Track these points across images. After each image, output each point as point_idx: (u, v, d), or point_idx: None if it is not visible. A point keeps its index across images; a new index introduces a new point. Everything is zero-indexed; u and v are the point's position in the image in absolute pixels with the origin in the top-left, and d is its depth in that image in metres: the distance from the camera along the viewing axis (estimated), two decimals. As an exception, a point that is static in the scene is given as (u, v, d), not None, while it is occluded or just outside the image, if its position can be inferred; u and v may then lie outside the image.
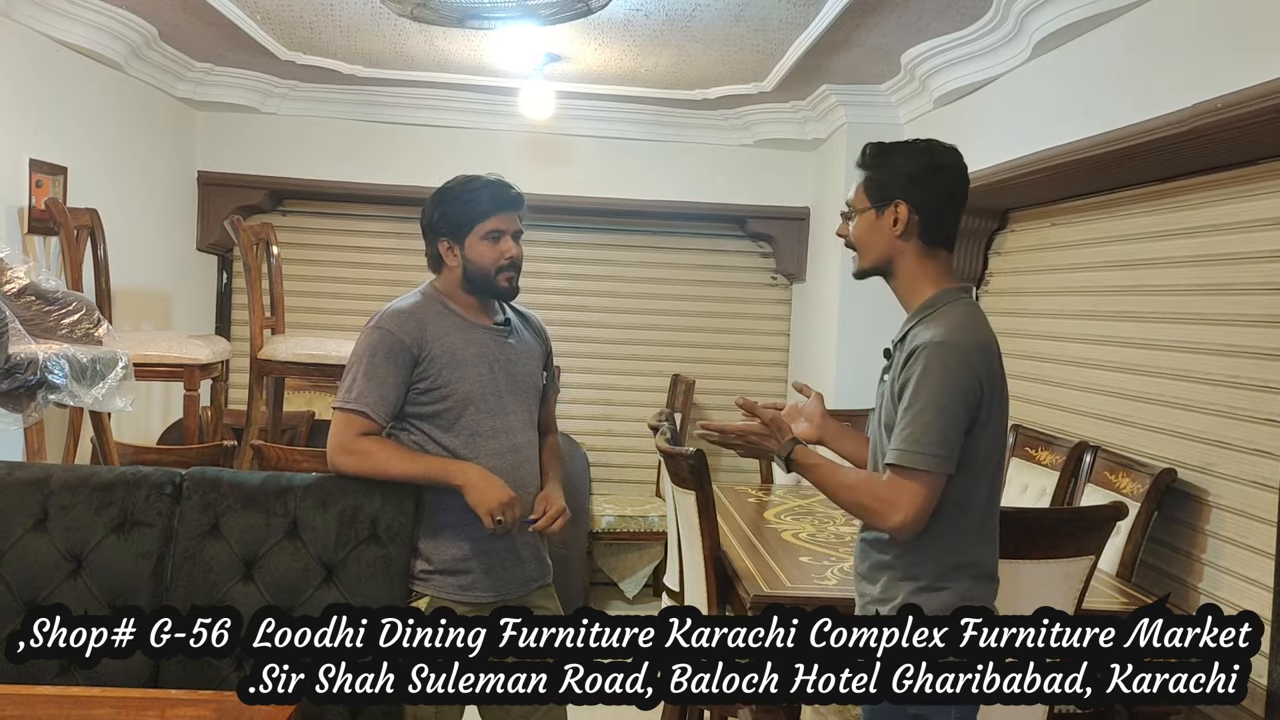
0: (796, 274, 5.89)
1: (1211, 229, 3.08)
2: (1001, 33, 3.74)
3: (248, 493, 2.34)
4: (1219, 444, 2.98)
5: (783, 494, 4.30)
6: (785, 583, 2.85)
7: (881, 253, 2.01)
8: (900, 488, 1.84)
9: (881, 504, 1.86)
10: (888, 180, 1.99)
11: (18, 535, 2.26)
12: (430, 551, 2.34)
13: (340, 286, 5.98)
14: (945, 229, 2.00)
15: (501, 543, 2.35)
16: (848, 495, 1.95)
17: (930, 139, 2.04)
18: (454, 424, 2.35)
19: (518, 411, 2.43)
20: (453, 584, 2.33)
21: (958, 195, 2.00)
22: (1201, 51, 2.75)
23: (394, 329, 2.33)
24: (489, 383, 2.38)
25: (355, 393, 2.30)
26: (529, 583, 2.44)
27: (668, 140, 5.77)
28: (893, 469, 1.85)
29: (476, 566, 2.34)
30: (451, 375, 2.33)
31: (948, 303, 1.95)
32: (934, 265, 1.99)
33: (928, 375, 1.84)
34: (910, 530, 1.84)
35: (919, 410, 1.83)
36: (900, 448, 1.84)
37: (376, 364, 2.30)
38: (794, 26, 4.02)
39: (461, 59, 4.81)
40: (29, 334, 2.82)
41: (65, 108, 4.24)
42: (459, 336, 2.37)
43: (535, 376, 2.51)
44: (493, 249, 2.38)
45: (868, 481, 1.93)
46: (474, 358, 2.37)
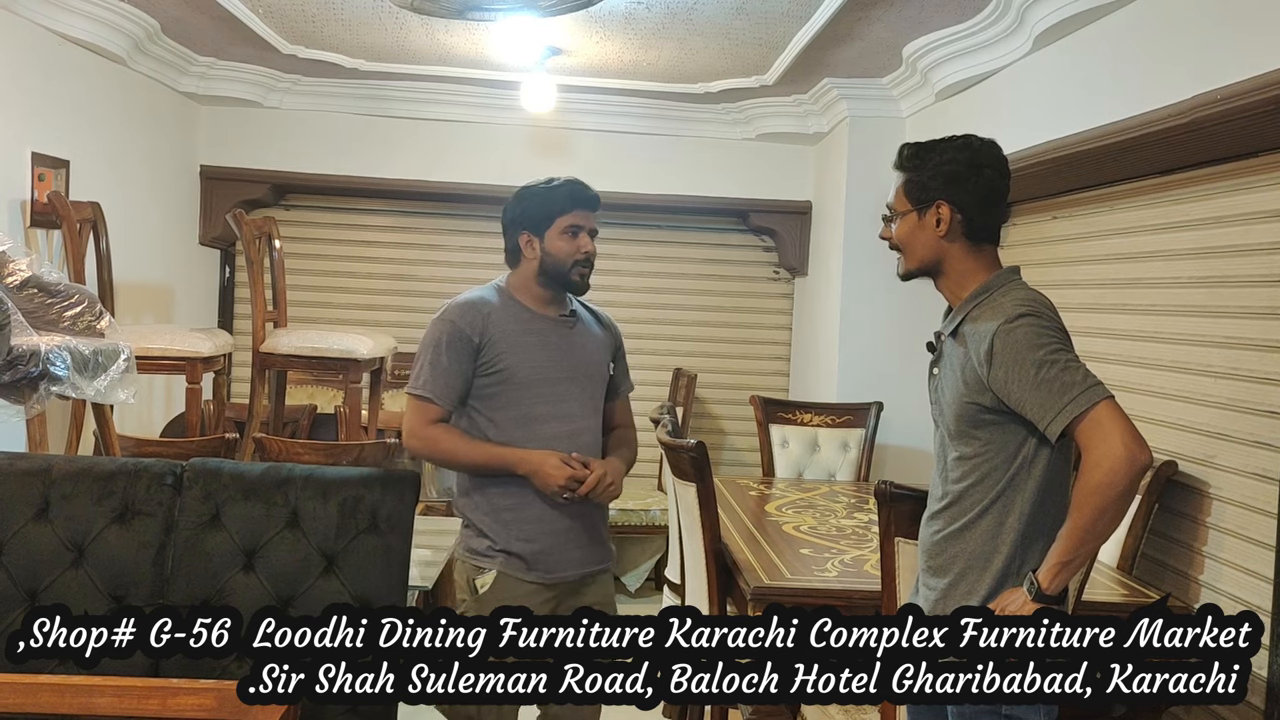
0: (798, 268, 5.89)
1: (1212, 221, 3.07)
2: (1003, 25, 3.73)
3: (248, 483, 2.35)
4: (1220, 436, 2.97)
5: (784, 487, 4.30)
6: (786, 575, 2.86)
7: (927, 254, 2.00)
8: (1094, 434, 1.73)
9: (1104, 468, 1.72)
10: (928, 181, 1.98)
11: (19, 525, 2.27)
12: (495, 532, 2.45)
13: (342, 280, 5.99)
14: (990, 225, 1.99)
15: (562, 524, 2.45)
16: (1090, 513, 1.76)
17: (969, 134, 2.02)
18: (513, 407, 2.45)
19: (578, 398, 2.52)
20: (517, 564, 2.44)
21: (1000, 190, 1.99)
22: (1201, 43, 2.74)
23: (456, 319, 2.45)
24: (549, 369, 2.48)
25: (422, 380, 2.44)
26: (587, 564, 2.52)
27: (669, 134, 5.77)
28: (1076, 431, 1.76)
29: (538, 549, 2.44)
30: (511, 360, 2.44)
31: (1002, 285, 1.94)
32: (982, 260, 1.99)
33: (1028, 347, 1.79)
34: (1142, 447, 1.72)
35: (1043, 373, 1.77)
36: (1060, 407, 1.76)
37: (440, 354, 2.43)
38: (795, 20, 4.01)
39: (463, 52, 4.80)
40: (31, 326, 2.82)
41: (68, 101, 4.24)
42: (521, 325, 2.49)
43: (600, 365, 2.59)
44: (570, 243, 2.49)
45: (1077, 484, 1.80)
46: (534, 345, 2.48)
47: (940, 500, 2.00)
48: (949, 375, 1.97)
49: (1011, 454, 1.88)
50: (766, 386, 5.93)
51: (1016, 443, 1.88)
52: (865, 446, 4.68)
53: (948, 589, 1.93)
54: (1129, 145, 3.06)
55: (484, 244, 6.02)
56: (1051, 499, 1.88)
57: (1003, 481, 1.89)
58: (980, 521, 1.91)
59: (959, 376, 1.93)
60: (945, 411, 1.98)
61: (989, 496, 1.90)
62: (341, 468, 2.64)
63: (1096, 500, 1.74)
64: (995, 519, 1.89)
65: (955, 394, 1.93)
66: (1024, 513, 1.88)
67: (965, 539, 1.92)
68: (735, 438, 6.13)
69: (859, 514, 3.70)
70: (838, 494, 4.12)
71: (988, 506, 1.90)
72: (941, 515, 1.98)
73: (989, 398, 1.87)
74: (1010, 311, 1.84)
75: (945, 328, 2.02)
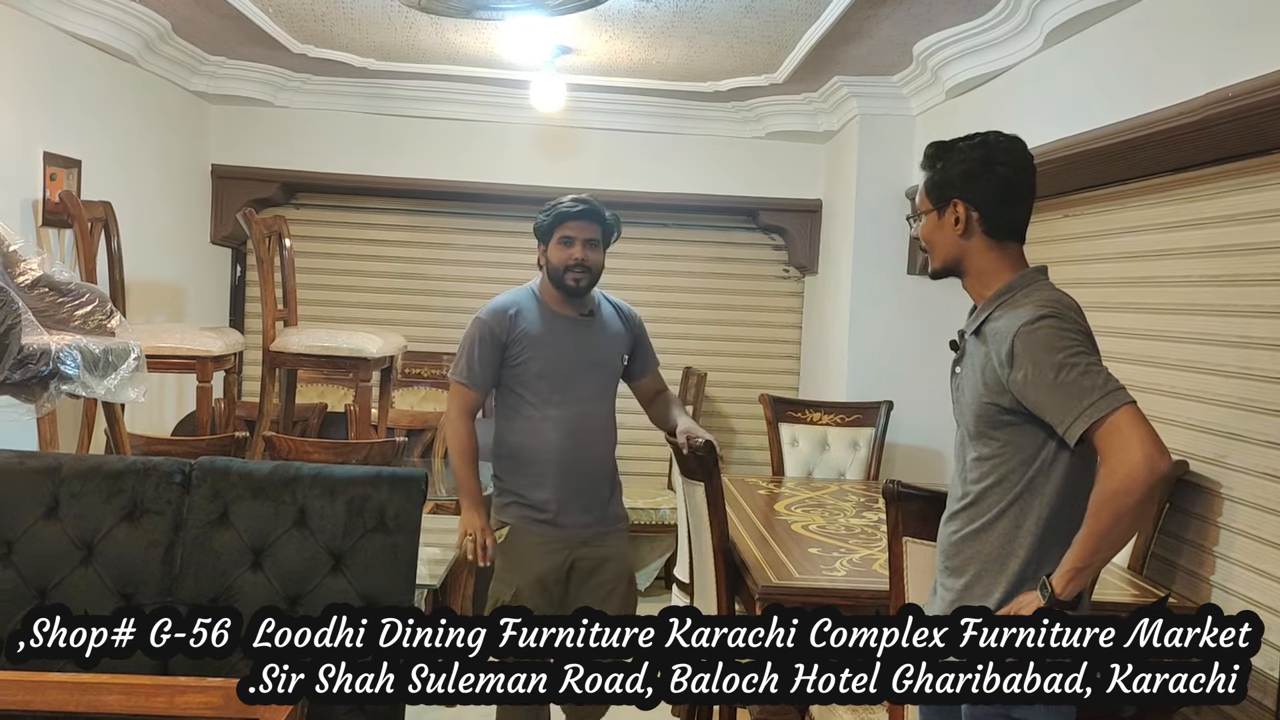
0: (808, 266, 5.88)
1: (1224, 220, 3.05)
2: (1013, 23, 3.72)
3: (256, 482, 2.36)
4: (1232, 436, 2.95)
5: (793, 485, 4.30)
6: (794, 574, 2.85)
7: (949, 253, 2.01)
8: (1113, 440, 1.70)
9: (1120, 475, 1.69)
10: (944, 180, 1.98)
11: (29, 523, 2.29)
12: (513, 493, 2.95)
13: (353, 279, 6.00)
14: (1009, 222, 1.97)
15: (569, 490, 2.93)
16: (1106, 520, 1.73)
17: (990, 132, 2.01)
18: (533, 390, 2.94)
19: (589, 386, 3.00)
20: (530, 516, 2.93)
21: (1018, 186, 1.97)
22: (1213, 40, 2.72)
23: (488, 320, 2.97)
24: (564, 361, 2.95)
25: (461, 368, 2.97)
26: (594, 525, 2.99)
27: (679, 133, 5.76)
28: (1095, 436, 1.73)
29: (551, 509, 2.92)
30: (532, 354, 2.94)
31: (1026, 285, 1.93)
32: (1004, 258, 1.97)
33: (1048, 349, 1.77)
34: (1162, 454, 1.68)
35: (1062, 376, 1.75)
36: (1079, 412, 1.73)
37: (474, 349, 2.95)
38: (805, 17, 4.00)
39: (473, 51, 4.81)
40: (42, 325, 2.84)
41: (79, 101, 4.26)
42: (543, 324, 2.97)
43: (612, 359, 3.07)
44: (564, 252, 2.92)
45: (1094, 490, 1.76)
46: (552, 341, 2.95)
47: (959, 500, 1.98)
48: (970, 375, 1.95)
49: (1030, 456, 1.87)
50: (776, 385, 5.91)
51: (1036, 445, 1.86)
52: (875, 445, 4.67)
53: (963, 590, 1.92)
54: (1140, 143, 3.04)
55: (494, 242, 6.03)
56: (1072, 504, 1.84)
57: (1021, 484, 1.87)
58: (997, 523, 1.89)
59: (979, 377, 1.91)
60: (965, 411, 1.97)
61: (1006, 498, 1.89)
62: (349, 466, 2.65)
63: (1112, 508, 1.71)
64: (1012, 521, 1.88)
65: (975, 394, 1.92)
66: (1042, 516, 1.86)
67: (982, 540, 1.90)
68: (745, 436, 6.12)
69: (868, 513, 3.69)
70: (847, 493, 4.11)
71: (1005, 508, 1.89)
72: (959, 516, 1.97)
73: (1008, 399, 1.85)
74: (1032, 312, 1.83)
75: (968, 326, 2.00)
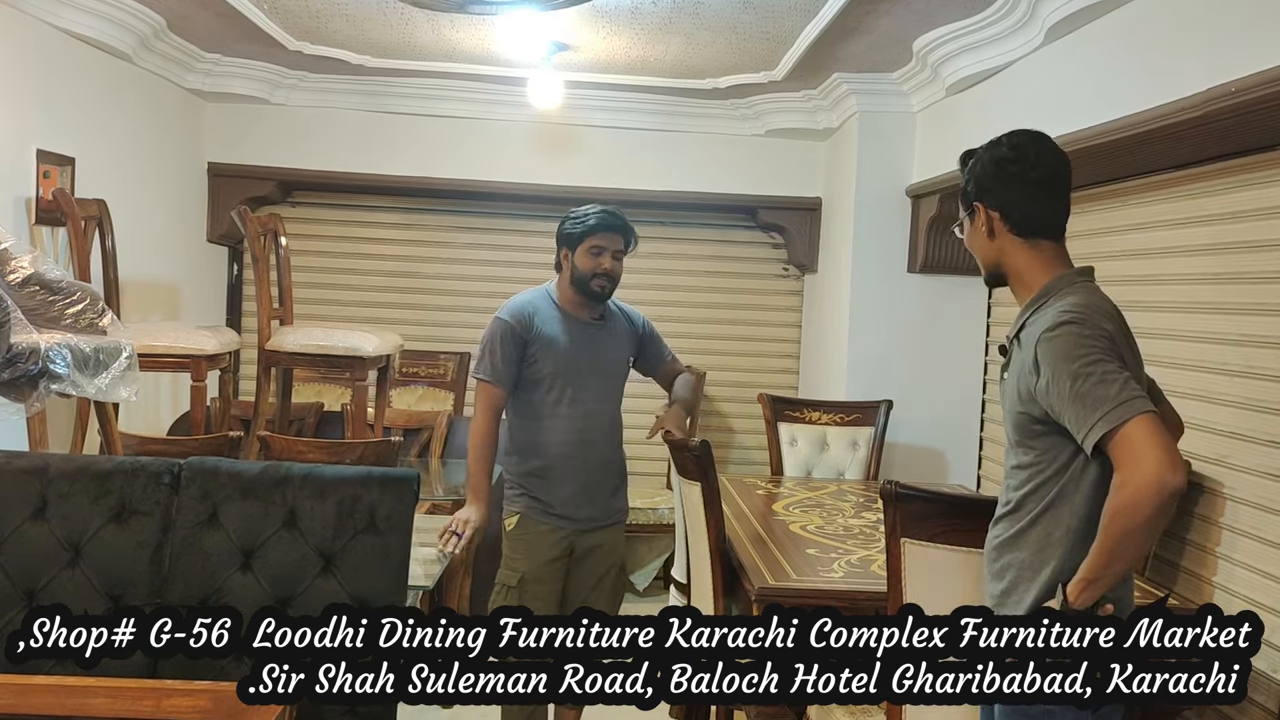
0: (808, 265, 5.85)
1: (1228, 216, 3.03)
2: (1014, 19, 3.69)
3: (246, 482, 2.33)
4: (1235, 436, 2.93)
5: (792, 485, 4.27)
6: (791, 575, 2.83)
7: (986, 256, 2.02)
8: (1125, 453, 1.66)
9: (1129, 490, 1.65)
10: (968, 186, 2.00)
11: (16, 524, 2.27)
12: (521, 484, 3.08)
13: (349, 277, 5.98)
14: (1037, 219, 1.96)
15: (575, 486, 3.07)
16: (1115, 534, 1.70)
17: (1013, 131, 2.01)
18: (544, 389, 3.05)
19: (597, 387, 3.12)
20: (538, 508, 3.06)
21: (1040, 182, 1.95)
22: (1215, 36, 2.69)
23: (508, 318, 3.06)
24: (574, 363, 3.07)
25: (485, 366, 3.05)
26: (597, 518, 3.11)
27: (677, 130, 5.74)
28: (1109, 447, 1.70)
29: (558, 503, 3.05)
30: (546, 354, 3.04)
31: (1061, 288, 1.91)
32: (1039, 257, 1.96)
33: (1065, 358, 1.75)
34: (1175, 470, 1.63)
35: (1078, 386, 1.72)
36: (1092, 422, 1.70)
37: (496, 346, 3.04)
38: (803, 13, 3.97)
39: (470, 48, 4.78)
40: (32, 324, 2.81)
41: (73, 98, 4.23)
42: (557, 326, 3.08)
43: (619, 362, 3.22)
44: (593, 260, 3.04)
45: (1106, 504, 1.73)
46: (565, 343, 3.06)
47: (1003, 507, 1.98)
48: (1010, 382, 1.94)
49: (1062, 466, 1.85)
50: (775, 384, 5.89)
51: (1068, 454, 1.83)
52: (874, 445, 4.65)
53: (1002, 596, 1.91)
54: (1142, 139, 3.01)
55: (492, 240, 6.01)
56: None
57: (1053, 492, 1.86)
58: (1031, 531, 1.88)
59: (1015, 384, 1.90)
60: (1006, 419, 1.96)
61: (1039, 507, 1.87)
62: (340, 467, 2.62)
63: (1120, 522, 1.68)
64: (1045, 530, 1.86)
65: (1011, 402, 1.91)
66: (1071, 527, 1.83)
67: (1018, 547, 1.89)
68: (744, 436, 6.09)
69: (867, 513, 3.66)
70: (846, 493, 4.08)
71: (1038, 517, 1.87)
72: (1001, 521, 1.97)
73: (1038, 408, 1.84)
74: (1054, 318, 1.81)
75: (1010, 331, 1.99)
